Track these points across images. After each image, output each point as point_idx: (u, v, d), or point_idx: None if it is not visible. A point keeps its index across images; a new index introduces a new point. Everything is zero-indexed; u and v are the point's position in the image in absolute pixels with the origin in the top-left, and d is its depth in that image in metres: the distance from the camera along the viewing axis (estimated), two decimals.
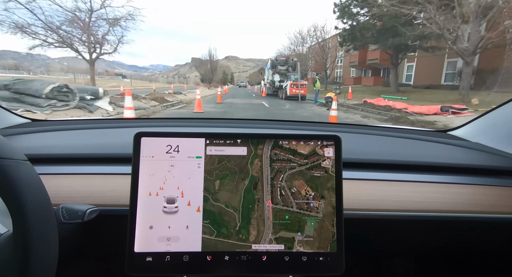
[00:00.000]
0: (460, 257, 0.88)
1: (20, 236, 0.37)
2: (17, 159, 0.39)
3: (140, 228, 0.46)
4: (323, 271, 0.47)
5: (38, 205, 0.38)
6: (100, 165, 0.72)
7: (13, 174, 0.37)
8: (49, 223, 0.40)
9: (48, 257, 0.39)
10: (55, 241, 0.40)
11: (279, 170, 0.48)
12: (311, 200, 0.48)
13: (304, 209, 0.48)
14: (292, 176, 0.49)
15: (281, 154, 0.49)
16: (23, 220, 0.37)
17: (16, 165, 0.38)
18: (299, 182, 0.48)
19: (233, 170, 0.48)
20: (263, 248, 0.47)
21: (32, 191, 0.38)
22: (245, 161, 0.48)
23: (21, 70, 55.55)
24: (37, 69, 57.52)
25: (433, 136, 0.99)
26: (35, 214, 0.38)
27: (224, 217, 0.47)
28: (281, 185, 0.48)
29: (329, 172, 0.49)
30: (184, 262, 0.45)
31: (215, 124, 1.14)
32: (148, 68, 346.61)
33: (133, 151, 0.47)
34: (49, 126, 1.00)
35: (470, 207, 0.66)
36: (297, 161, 0.49)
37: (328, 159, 0.49)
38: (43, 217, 0.39)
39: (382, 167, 0.76)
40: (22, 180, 0.38)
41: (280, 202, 0.48)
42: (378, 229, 0.69)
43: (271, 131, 0.50)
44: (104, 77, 54.22)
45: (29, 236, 0.37)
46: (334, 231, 0.48)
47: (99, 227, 0.62)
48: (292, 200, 0.48)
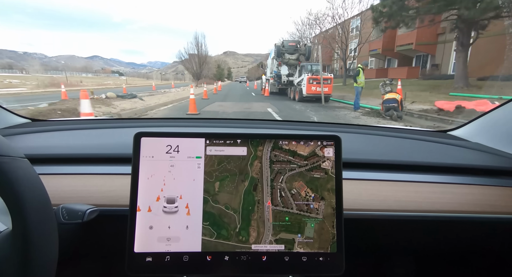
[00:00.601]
0: (459, 257, 0.88)
1: (20, 233, 0.37)
2: (14, 156, 0.39)
3: (140, 228, 0.46)
4: (323, 271, 0.47)
5: (37, 202, 0.38)
6: (100, 165, 0.72)
7: (10, 171, 0.37)
8: (49, 221, 0.40)
9: (48, 256, 0.39)
10: (55, 241, 0.40)
11: (279, 171, 0.48)
12: (311, 201, 0.48)
13: (304, 210, 0.48)
14: (292, 177, 0.48)
15: (280, 155, 0.49)
16: (22, 217, 0.37)
17: (13, 162, 0.38)
18: (299, 183, 0.48)
19: (233, 172, 0.48)
20: (263, 248, 0.47)
21: (30, 188, 0.38)
22: (244, 162, 0.48)
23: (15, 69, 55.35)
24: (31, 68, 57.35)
25: (433, 137, 0.99)
26: (34, 211, 0.38)
27: (224, 219, 0.47)
28: (281, 186, 0.48)
29: (329, 173, 0.49)
30: (184, 262, 0.45)
31: (215, 125, 1.14)
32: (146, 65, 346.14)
33: (133, 151, 0.47)
34: (49, 126, 1.00)
35: (470, 207, 0.66)
36: (297, 162, 0.49)
37: (328, 160, 0.49)
38: (42, 215, 0.39)
39: (382, 167, 0.76)
40: (20, 177, 0.38)
41: (280, 203, 0.48)
42: (378, 229, 0.69)
43: (271, 132, 0.50)
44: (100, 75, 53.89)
45: (29, 233, 0.37)
46: (334, 232, 0.48)
47: (99, 227, 0.63)
48: (292, 201, 0.48)
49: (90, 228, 0.57)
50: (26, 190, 0.38)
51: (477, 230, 0.70)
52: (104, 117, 1.00)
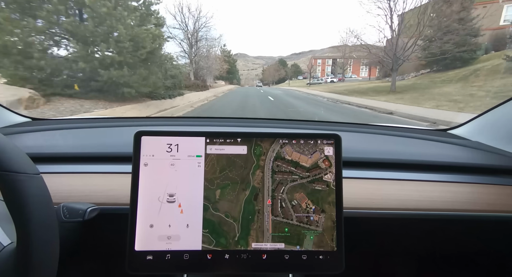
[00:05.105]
0: (460, 255, 0.88)
1: (24, 251, 0.37)
2: (30, 174, 0.39)
3: (140, 227, 0.46)
4: (323, 269, 0.47)
5: (44, 219, 0.38)
6: (100, 163, 0.72)
7: (24, 190, 0.37)
8: (53, 233, 0.40)
9: (49, 264, 0.39)
10: (56, 245, 0.40)
11: (280, 182, 0.48)
12: (311, 213, 0.48)
13: (304, 222, 0.48)
14: (294, 188, 0.48)
15: (283, 165, 0.48)
16: (29, 237, 0.37)
17: (28, 180, 0.38)
18: (300, 194, 0.48)
19: (234, 180, 0.48)
20: (263, 246, 0.47)
21: (40, 207, 0.38)
22: (246, 171, 0.48)
23: None
24: None
25: (433, 135, 0.99)
26: (40, 229, 0.38)
27: (223, 227, 0.47)
28: (282, 197, 0.48)
29: (331, 186, 0.48)
30: (184, 260, 0.46)
31: (215, 123, 1.14)
32: None
33: (134, 149, 0.47)
34: (49, 125, 1.00)
35: (469, 206, 0.66)
36: (299, 173, 0.48)
37: (329, 173, 0.49)
38: (48, 229, 0.39)
39: (382, 165, 0.76)
40: (32, 195, 0.37)
41: (280, 214, 0.48)
42: (378, 227, 0.69)
43: (271, 130, 0.50)
44: None
45: (33, 252, 0.37)
46: (333, 246, 0.47)
47: (100, 226, 0.63)
48: (292, 212, 0.48)
49: (91, 227, 0.57)
50: (36, 210, 0.37)
51: (477, 228, 0.71)
52: (104, 116, 1.01)
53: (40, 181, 0.40)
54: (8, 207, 0.37)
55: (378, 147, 0.90)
